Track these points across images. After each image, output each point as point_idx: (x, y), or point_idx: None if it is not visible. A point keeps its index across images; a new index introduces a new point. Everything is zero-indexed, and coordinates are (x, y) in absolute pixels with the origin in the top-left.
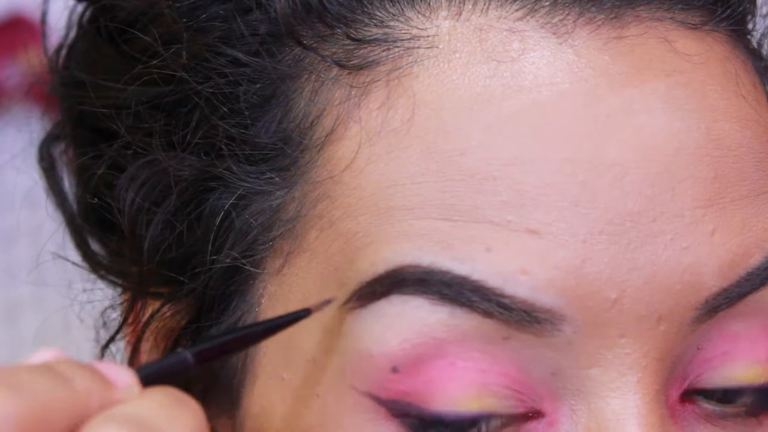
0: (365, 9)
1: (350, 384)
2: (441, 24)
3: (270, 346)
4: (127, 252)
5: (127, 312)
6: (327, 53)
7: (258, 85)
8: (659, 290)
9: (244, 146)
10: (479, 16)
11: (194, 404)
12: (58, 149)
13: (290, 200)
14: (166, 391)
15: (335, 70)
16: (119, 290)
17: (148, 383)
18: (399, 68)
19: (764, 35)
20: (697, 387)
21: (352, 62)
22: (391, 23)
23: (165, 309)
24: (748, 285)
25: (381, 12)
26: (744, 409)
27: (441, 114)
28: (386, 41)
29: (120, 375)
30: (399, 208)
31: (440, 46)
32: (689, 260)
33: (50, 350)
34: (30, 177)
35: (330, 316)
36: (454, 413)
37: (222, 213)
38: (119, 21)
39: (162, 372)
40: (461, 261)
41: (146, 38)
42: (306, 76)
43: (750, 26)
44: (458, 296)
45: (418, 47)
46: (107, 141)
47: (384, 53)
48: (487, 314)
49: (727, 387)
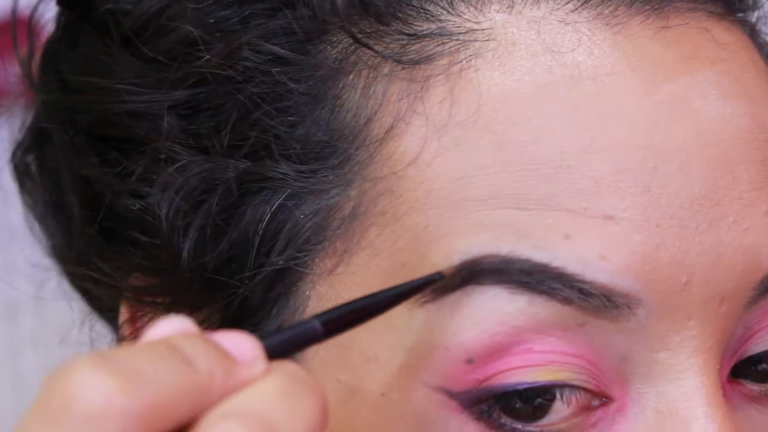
0: (417, 4)
1: (419, 379)
2: (494, 17)
3: (322, 350)
4: (164, 259)
5: (126, 324)
6: (380, 49)
7: (303, 83)
8: (724, 272)
9: (294, 145)
10: (532, 9)
11: (316, 388)
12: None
13: (346, 198)
14: (288, 372)
15: (388, 66)
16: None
17: (273, 355)
18: (458, 62)
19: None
20: (742, 358)
21: (408, 57)
22: (444, 17)
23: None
24: None
25: (433, 7)
26: None
27: (507, 105)
28: (441, 35)
29: (244, 347)
30: (472, 199)
31: (498, 39)
32: (750, 241)
33: (174, 320)
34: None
35: (393, 313)
36: (528, 383)
37: (269, 215)
38: (133, 24)
39: (288, 342)
40: (541, 249)
41: (171, 40)
42: (355, 73)
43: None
44: (538, 284)
45: (475, 40)
46: (118, 149)
47: (439, 47)
48: (567, 301)
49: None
